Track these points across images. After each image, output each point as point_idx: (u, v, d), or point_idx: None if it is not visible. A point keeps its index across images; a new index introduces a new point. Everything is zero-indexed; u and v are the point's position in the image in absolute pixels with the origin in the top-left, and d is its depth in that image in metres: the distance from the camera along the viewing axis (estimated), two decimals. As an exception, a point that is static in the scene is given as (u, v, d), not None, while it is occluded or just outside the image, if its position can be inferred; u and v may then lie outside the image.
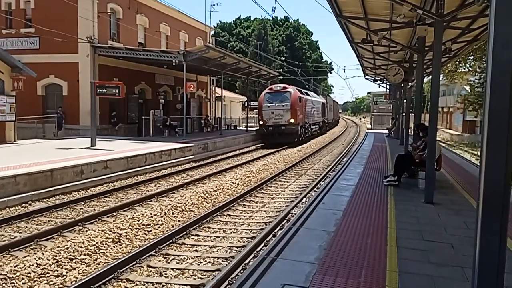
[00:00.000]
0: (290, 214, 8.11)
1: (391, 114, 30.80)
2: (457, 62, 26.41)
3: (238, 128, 32.81)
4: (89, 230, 6.99)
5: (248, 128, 28.76)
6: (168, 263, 5.79)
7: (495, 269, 2.34)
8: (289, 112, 22.82)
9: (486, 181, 2.31)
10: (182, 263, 5.76)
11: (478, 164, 2.90)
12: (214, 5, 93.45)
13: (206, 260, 5.86)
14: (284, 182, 12.21)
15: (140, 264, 5.63)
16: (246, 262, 5.67)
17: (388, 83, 24.68)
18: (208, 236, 6.99)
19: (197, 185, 11.38)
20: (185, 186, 11.05)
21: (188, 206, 8.75)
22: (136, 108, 23.33)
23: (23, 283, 4.93)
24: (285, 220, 7.71)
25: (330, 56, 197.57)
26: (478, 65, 27.75)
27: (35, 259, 5.51)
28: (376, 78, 24.73)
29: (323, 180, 12.06)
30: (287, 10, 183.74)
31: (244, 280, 3.80)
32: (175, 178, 12.66)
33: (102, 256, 5.91)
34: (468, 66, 30.15)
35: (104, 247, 6.19)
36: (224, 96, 31.63)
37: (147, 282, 5.10)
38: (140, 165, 13.19)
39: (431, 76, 12.96)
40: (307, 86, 51.41)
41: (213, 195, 9.85)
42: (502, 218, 2.30)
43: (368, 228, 5.40)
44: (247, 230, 7.37)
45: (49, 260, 5.48)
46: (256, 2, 18.81)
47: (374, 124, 44.77)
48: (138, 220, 7.41)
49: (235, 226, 7.64)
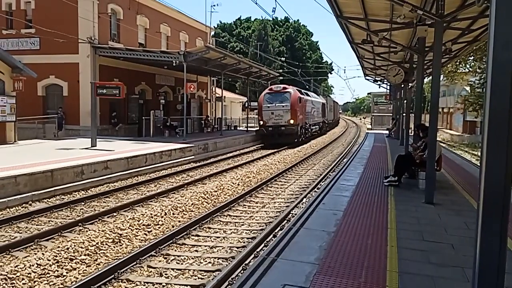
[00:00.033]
0: (291, 215, 8.11)
1: (391, 114, 30.81)
2: (457, 63, 26.41)
3: (238, 128, 32.82)
4: (89, 230, 7.00)
5: (248, 129, 28.77)
6: (169, 263, 5.79)
7: (496, 269, 2.34)
8: (289, 112, 22.78)
9: (486, 181, 2.31)
10: (182, 264, 5.77)
11: (478, 165, 2.91)
12: (214, 5, 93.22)
13: (206, 261, 5.86)
14: (285, 182, 12.21)
15: (141, 265, 5.63)
16: (247, 262, 5.68)
17: (388, 84, 24.65)
18: (208, 237, 6.99)
19: (197, 185, 11.38)
20: (185, 186, 11.06)
21: (189, 206, 8.76)
22: (136, 109, 23.33)
23: (23, 283, 4.94)
24: (285, 221, 7.71)
25: (331, 57, 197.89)
26: (478, 65, 27.74)
27: (35, 259, 5.51)
28: (377, 78, 24.71)
29: (324, 180, 12.06)
30: (287, 11, 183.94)
31: (244, 281, 3.80)
32: (175, 178, 12.66)
33: (102, 257, 5.92)
34: (468, 66, 30.15)
35: (105, 247, 6.20)
36: (224, 96, 31.61)
37: (147, 283, 5.10)
38: (141, 165, 13.20)
39: (431, 77, 12.96)
40: (307, 87, 51.39)
41: (213, 196, 9.85)
42: (503, 219, 2.30)
43: (369, 229, 5.40)
44: (247, 230, 7.37)
45: (49, 260, 5.49)
46: (256, 3, 18.81)
47: (374, 125, 44.82)
48: (139, 221, 7.42)
49: (235, 226, 7.65)
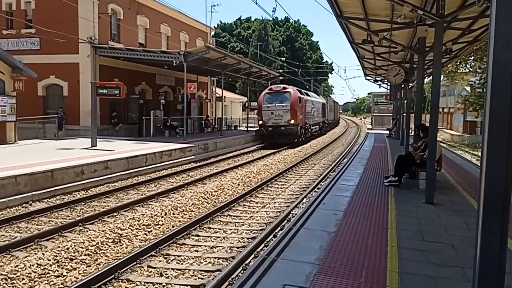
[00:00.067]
0: (291, 215, 8.11)
1: (391, 114, 30.80)
2: (457, 63, 26.38)
3: (238, 128, 32.82)
4: (89, 230, 7.00)
5: (249, 129, 28.77)
6: (169, 263, 5.79)
7: (496, 269, 2.33)
8: (288, 112, 22.73)
9: (486, 181, 2.31)
10: (182, 264, 5.76)
11: (479, 165, 2.91)
12: (214, 5, 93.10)
13: (206, 261, 5.86)
14: (285, 182, 12.21)
15: (141, 265, 5.63)
16: (247, 262, 5.68)
17: (389, 84, 24.64)
18: (208, 237, 6.99)
19: (197, 185, 11.38)
20: (185, 186, 11.06)
21: (189, 206, 8.76)
22: (136, 109, 23.33)
23: (23, 283, 4.94)
24: (285, 221, 7.71)
25: (331, 57, 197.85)
26: (478, 65, 27.73)
27: (35, 259, 5.51)
28: (377, 78, 24.70)
29: (324, 180, 12.06)
30: (287, 11, 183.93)
31: (244, 281, 3.79)
32: (175, 178, 12.66)
33: (102, 257, 5.92)
34: (468, 66, 30.14)
35: (105, 247, 6.20)
36: (224, 96, 31.64)
37: (147, 283, 5.10)
38: (141, 165, 13.20)
39: (431, 77, 12.97)
40: (307, 87, 51.38)
41: (213, 196, 9.85)
42: (503, 219, 2.30)
43: (369, 229, 5.39)
44: (247, 230, 7.37)
45: (49, 260, 5.49)
46: (256, 3, 18.82)
47: (374, 125, 44.83)
48: (139, 221, 7.42)
49: (235, 226, 7.65)
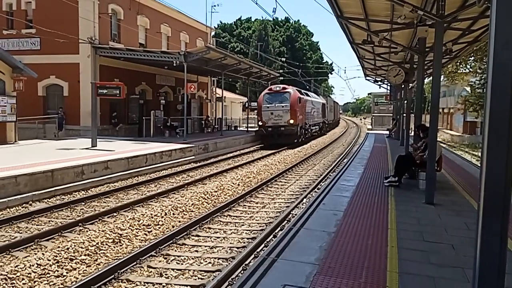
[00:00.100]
0: (291, 215, 8.11)
1: (391, 115, 30.79)
2: (457, 63, 26.39)
3: (238, 128, 32.82)
4: (89, 230, 7.00)
5: (249, 129, 28.77)
6: (169, 263, 5.79)
7: (496, 270, 2.33)
8: (288, 112, 22.68)
9: (486, 181, 2.31)
10: (182, 264, 5.76)
11: (479, 165, 2.91)
12: (214, 6, 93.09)
13: (206, 261, 5.86)
14: (285, 182, 12.21)
15: (141, 265, 5.63)
16: (247, 262, 5.68)
17: (389, 84, 24.66)
18: (208, 237, 6.99)
19: (197, 185, 11.38)
20: (185, 186, 11.06)
21: (189, 206, 8.76)
22: (136, 109, 23.33)
23: (23, 284, 4.94)
24: (285, 221, 7.71)
25: (331, 57, 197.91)
26: (478, 66, 27.74)
27: (35, 259, 5.51)
28: (377, 79, 24.70)
29: (324, 180, 12.07)
30: (287, 11, 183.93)
31: (244, 281, 3.79)
32: (175, 178, 12.66)
33: (102, 257, 5.92)
34: (468, 67, 30.15)
35: (105, 247, 6.20)
36: (224, 96, 31.63)
37: (147, 283, 5.10)
38: (141, 165, 13.20)
39: (431, 77, 12.97)
40: (307, 87, 51.37)
41: (213, 196, 9.85)
42: (503, 219, 2.30)
43: (369, 229, 5.39)
44: (247, 230, 7.37)
45: (49, 260, 5.49)
46: (256, 3, 18.79)
47: (374, 125, 44.83)
48: (139, 221, 7.42)
49: (235, 226, 7.65)
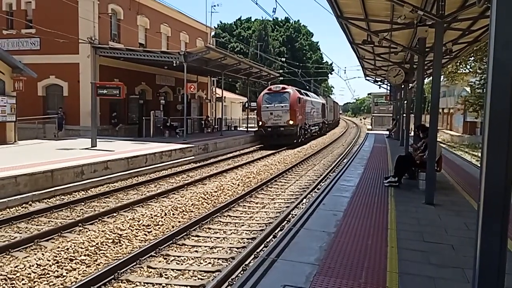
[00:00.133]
0: (291, 215, 8.11)
1: (391, 115, 30.80)
2: (457, 63, 26.39)
3: (238, 129, 32.83)
4: (89, 230, 6.99)
5: (249, 129, 28.77)
6: (168, 263, 5.79)
7: (496, 270, 2.33)
8: (288, 113, 22.61)
9: (486, 182, 2.31)
10: (182, 264, 5.76)
11: (479, 165, 2.91)
12: (214, 6, 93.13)
13: (206, 261, 5.86)
14: (285, 183, 12.21)
15: (140, 265, 5.63)
16: (247, 263, 5.68)
17: (389, 84, 24.67)
18: (208, 237, 6.99)
19: (197, 185, 11.38)
20: (185, 186, 11.06)
21: (189, 206, 8.75)
22: (136, 109, 23.32)
23: (23, 284, 4.94)
24: (285, 221, 7.71)
25: (331, 57, 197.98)
26: (478, 66, 27.75)
27: (35, 259, 5.51)
28: (377, 79, 24.70)
29: (324, 181, 12.07)
30: (287, 11, 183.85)
31: (244, 281, 3.79)
32: (175, 178, 12.66)
33: (102, 257, 5.91)
34: (468, 67, 30.16)
35: (104, 247, 6.19)
36: (224, 97, 31.63)
37: (147, 283, 5.10)
38: (141, 165, 13.20)
39: (431, 77, 12.97)
40: (307, 87, 51.38)
41: (213, 196, 9.84)
42: (503, 219, 2.29)
43: (369, 229, 5.39)
44: (247, 231, 7.37)
45: (49, 260, 5.48)
46: (256, 3, 18.79)
47: (374, 125, 44.85)
48: (139, 221, 7.41)
49: (235, 227, 7.64)
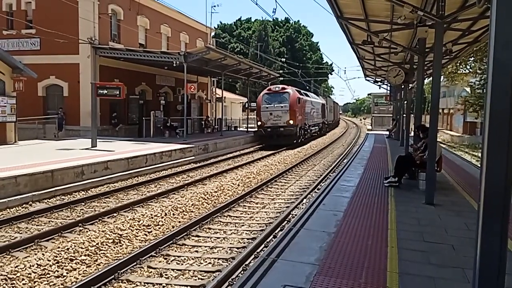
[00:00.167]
0: (291, 215, 8.11)
1: (391, 115, 30.80)
2: (457, 64, 26.41)
3: (238, 129, 32.83)
4: (89, 230, 7.00)
5: (249, 129, 28.77)
6: (169, 263, 5.79)
7: (496, 270, 2.33)
8: (287, 113, 22.57)
9: (487, 182, 2.31)
10: (182, 264, 5.76)
11: (479, 166, 2.91)
12: (214, 6, 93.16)
13: (206, 261, 5.86)
14: (285, 183, 12.21)
15: (141, 265, 5.63)
16: (247, 263, 5.68)
17: (389, 85, 24.66)
18: (208, 237, 6.99)
19: (197, 186, 11.38)
20: (185, 187, 11.06)
21: (189, 207, 8.76)
22: (136, 109, 23.32)
23: (23, 284, 4.94)
24: (285, 221, 7.71)
25: (331, 58, 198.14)
26: (478, 66, 27.77)
27: (35, 259, 5.51)
28: (377, 79, 24.71)
29: (324, 181, 12.07)
30: (287, 12, 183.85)
31: (244, 281, 3.79)
32: (175, 179, 12.66)
33: (102, 257, 5.92)
34: (468, 67, 30.18)
35: (105, 247, 6.20)
36: (224, 97, 31.63)
37: (147, 283, 5.10)
38: (141, 166, 13.20)
39: (431, 78, 12.98)
40: (307, 87, 51.38)
41: (213, 196, 9.85)
42: (503, 219, 2.30)
43: (369, 229, 5.39)
44: (247, 231, 7.37)
45: (49, 260, 5.49)
46: (256, 4, 18.84)
47: (374, 125, 44.83)
48: (139, 221, 7.42)
49: (235, 227, 7.64)
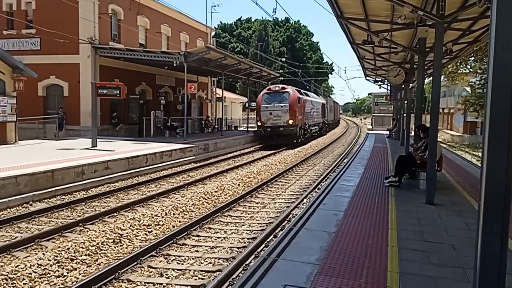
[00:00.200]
0: (291, 215, 8.12)
1: (392, 115, 30.79)
2: (458, 63, 26.41)
3: (238, 129, 32.84)
4: (90, 230, 7.00)
5: (249, 129, 28.77)
6: (169, 263, 5.79)
7: (497, 270, 2.34)
8: (287, 113, 22.52)
9: (487, 182, 2.31)
10: (183, 264, 5.77)
11: (479, 165, 2.91)
12: (214, 6, 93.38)
13: (207, 261, 5.86)
14: (285, 183, 12.21)
15: (141, 265, 5.63)
16: (247, 262, 5.68)
17: (389, 84, 24.67)
18: (209, 237, 6.99)
19: (198, 185, 11.38)
20: (186, 186, 11.06)
21: (189, 206, 8.76)
22: (137, 109, 23.33)
23: (24, 283, 4.94)
24: (286, 221, 7.71)
25: (331, 57, 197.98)
26: (479, 66, 27.76)
27: (36, 259, 5.51)
28: (377, 79, 24.70)
29: (324, 181, 12.07)
30: (287, 11, 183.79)
31: (245, 281, 3.79)
32: (176, 178, 12.66)
33: (103, 257, 5.92)
34: (469, 67, 30.18)
35: (105, 247, 6.20)
36: (224, 97, 31.61)
37: (148, 283, 5.11)
38: (141, 165, 13.20)
39: (432, 77, 12.97)
40: (307, 87, 51.36)
41: (214, 196, 9.85)
42: (504, 219, 2.30)
43: (369, 229, 5.39)
44: (248, 230, 7.37)
45: (50, 260, 5.49)
46: (257, 3, 18.80)
47: (374, 125, 44.81)
48: (139, 221, 7.42)
49: (236, 226, 7.65)
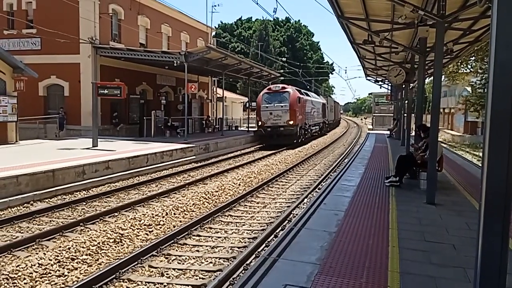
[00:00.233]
0: (292, 215, 8.12)
1: (392, 115, 30.77)
2: (458, 63, 26.39)
3: (239, 128, 32.84)
4: (90, 230, 7.01)
5: (249, 129, 28.76)
6: (170, 263, 5.80)
7: (497, 270, 2.34)
8: (287, 113, 22.46)
9: (488, 182, 2.32)
10: (183, 263, 5.77)
11: (480, 165, 2.91)
12: (215, 6, 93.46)
13: (207, 261, 5.87)
14: (286, 182, 12.21)
15: (142, 264, 5.64)
16: (248, 262, 5.68)
17: (390, 84, 24.65)
18: (209, 237, 7.00)
19: (198, 185, 11.39)
20: (186, 186, 11.06)
21: (190, 206, 8.77)
22: (137, 109, 23.34)
23: (24, 283, 4.95)
24: (286, 221, 7.72)
25: (332, 57, 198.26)
26: (479, 66, 27.73)
27: (37, 259, 5.52)
28: (378, 79, 24.68)
29: (325, 180, 12.07)
30: (288, 11, 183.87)
31: (245, 281, 3.80)
32: (176, 178, 12.67)
33: (103, 256, 5.93)
34: (469, 67, 30.16)
35: (106, 247, 6.21)
36: (225, 96, 31.52)
37: (148, 282, 5.11)
38: (142, 165, 13.21)
39: (432, 77, 12.96)
40: (308, 87, 51.34)
41: (214, 196, 9.86)
42: (504, 219, 2.30)
43: (370, 229, 5.40)
44: (248, 230, 7.37)
45: (50, 260, 5.50)
46: (257, 3, 18.81)
47: (375, 125, 44.78)
48: (140, 221, 7.43)
49: (236, 226, 7.65)
